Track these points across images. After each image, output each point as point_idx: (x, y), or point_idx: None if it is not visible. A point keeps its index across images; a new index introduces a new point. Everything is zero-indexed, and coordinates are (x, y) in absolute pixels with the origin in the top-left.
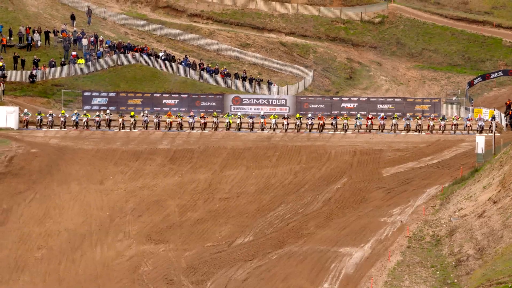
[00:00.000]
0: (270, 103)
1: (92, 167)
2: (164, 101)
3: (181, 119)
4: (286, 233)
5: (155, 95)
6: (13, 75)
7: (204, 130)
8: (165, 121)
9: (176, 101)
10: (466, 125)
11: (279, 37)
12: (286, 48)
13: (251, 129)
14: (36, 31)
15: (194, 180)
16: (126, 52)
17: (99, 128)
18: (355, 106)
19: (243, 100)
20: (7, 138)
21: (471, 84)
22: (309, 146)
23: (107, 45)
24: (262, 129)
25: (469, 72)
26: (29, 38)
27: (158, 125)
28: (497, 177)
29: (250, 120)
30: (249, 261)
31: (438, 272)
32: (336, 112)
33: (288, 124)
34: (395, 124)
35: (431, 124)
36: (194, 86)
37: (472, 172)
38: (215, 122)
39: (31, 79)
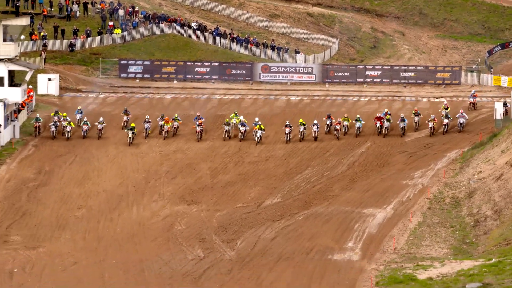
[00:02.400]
0: (298, 71)
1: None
2: (196, 69)
3: (178, 123)
4: (312, 195)
5: (187, 63)
6: (54, 44)
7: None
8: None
9: (208, 69)
10: (470, 102)
11: (306, 8)
12: (313, 18)
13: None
14: (75, 2)
15: (224, 145)
16: (160, 22)
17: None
18: (378, 74)
19: (272, 68)
20: (49, 104)
21: (490, 52)
22: (334, 113)
23: (142, 15)
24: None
25: (488, 41)
26: (69, 9)
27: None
28: None
29: (242, 129)
30: (277, 221)
31: (457, 232)
32: (360, 79)
33: (290, 134)
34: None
35: (431, 126)
36: (225, 54)
37: (490, 137)
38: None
39: (70, 48)
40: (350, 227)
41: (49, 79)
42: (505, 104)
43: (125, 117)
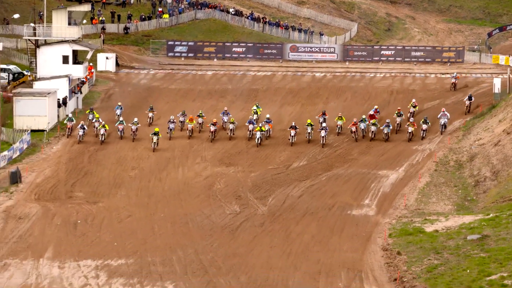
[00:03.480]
0: (321, 50)
1: (175, 103)
2: (233, 49)
3: (203, 119)
4: (334, 158)
5: (226, 44)
6: (111, 28)
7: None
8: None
9: (243, 49)
10: (452, 82)
11: None
12: (335, 5)
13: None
14: None
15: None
16: (203, 8)
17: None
18: (392, 53)
19: (299, 48)
20: (107, 79)
21: (490, 34)
22: (353, 87)
23: (187, 2)
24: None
25: (488, 25)
26: None
27: (182, 124)
28: (510, 112)
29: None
30: (303, 181)
31: (460, 191)
32: (376, 58)
33: (295, 136)
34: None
35: (410, 131)
36: (258, 36)
37: (489, 108)
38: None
39: (125, 31)
40: (366, 187)
41: (107, 58)
42: (470, 98)
43: (150, 114)
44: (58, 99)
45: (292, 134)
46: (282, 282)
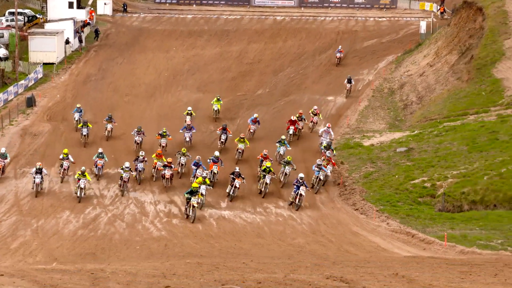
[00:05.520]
0: None
1: (161, 42)
2: None
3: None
4: (291, 86)
5: None
6: None
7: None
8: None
9: None
10: (337, 57)
11: None
12: None
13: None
14: None
15: (229, 51)
16: None
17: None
18: (339, 0)
19: None
20: (105, 21)
21: None
22: (308, 28)
23: None
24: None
25: None
26: None
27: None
28: (433, 49)
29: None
30: (266, 105)
31: (391, 113)
32: (326, 4)
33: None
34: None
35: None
36: None
37: (416, 45)
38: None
39: None
40: (340, 71)
41: (105, 3)
42: (349, 81)
43: (109, 126)
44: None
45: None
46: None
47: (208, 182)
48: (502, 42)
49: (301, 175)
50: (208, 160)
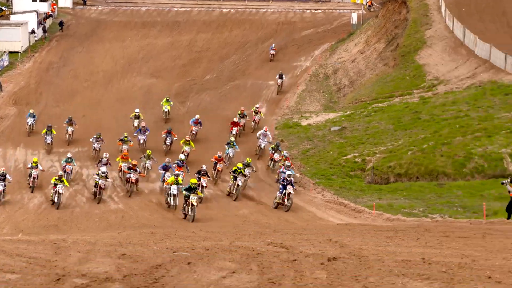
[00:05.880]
0: None
1: (118, 32)
2: None
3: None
4: (236, 72)
5: None
6: None
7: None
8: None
9: None
10: (271, 54)
11: None
12: None
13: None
14: None
15: (180, 40)
16: None
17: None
18: None
19: None
20: (66, 13)
21: None
22: (251, 19)
23: None
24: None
25: None
26: None
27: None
28: (363, 38)
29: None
30: (214, 89)
31: (326, 95)
32: None
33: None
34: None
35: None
36: None
37: (348, 35)
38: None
39: None
40: (260, 93)
41: None
42: (280, 77)
43: (70, 129)
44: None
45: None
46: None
47: (180, 181)
48: (424, 32)
49: (289, 172)
50: (173, 164)
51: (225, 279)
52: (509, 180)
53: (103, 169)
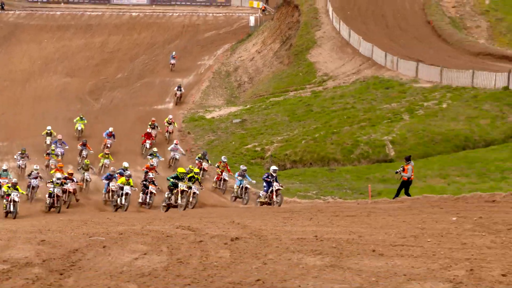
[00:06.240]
0: None
1: (34, 35)
2: None
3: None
4: (146, 71)
5: None
6: None
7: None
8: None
9: None
10: (171, 63)
11: None
12: None
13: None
14: None
15: (93, 42)
16: None
17: None
18: None
19: None
20: None
21: None
22: (158, 22)
23: None
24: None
25: None
26: None
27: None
28: (260, 39)
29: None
30: (125, 87)
31: (228, 91)
32: (173, 2)
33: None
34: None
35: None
36: None
37: (247, 36)
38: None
39: None
40: (168, 90)
41: None
42: (179, 88)
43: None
44: None
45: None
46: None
47: (131, 183)
48: (314, 33)
49: (274, 167)
50: (117, 174)
51: (137, 261)
52: (401, 168)
53: (58, 175)
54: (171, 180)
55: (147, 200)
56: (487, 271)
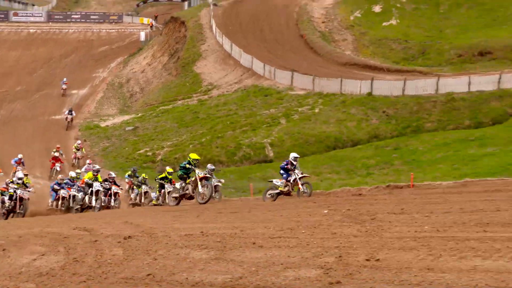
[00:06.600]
0: (33, 15)
1: None
2: None
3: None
4: (44, 84)
5: None
6: None
7: None
8: None
9: None
10: (62, 88)
11: None
12: None
13: None
14: None
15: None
16: None
17: None
18: (78, 16)
19: (19, 13)
20: None
21: (138, 5)
22: (55, 38)
23: None
24: None
25: None
26: None
27: None
28: (150, 52)
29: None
30: (24, 98)
31: (121, 101)
32: (69, 20)
33: None
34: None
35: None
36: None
37: (138, 50)
38: None
39: None
40: (65, 100)
41: None
42: (70, 112)
43: None
44: None
45: None
46: None
47: (100, 179)
48: (199, 46)
49: (295, 154)
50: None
51: (35, 261)
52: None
53: (20, 174)
54: (159, 180)
55: (113, 203)
56: (354, 257)
